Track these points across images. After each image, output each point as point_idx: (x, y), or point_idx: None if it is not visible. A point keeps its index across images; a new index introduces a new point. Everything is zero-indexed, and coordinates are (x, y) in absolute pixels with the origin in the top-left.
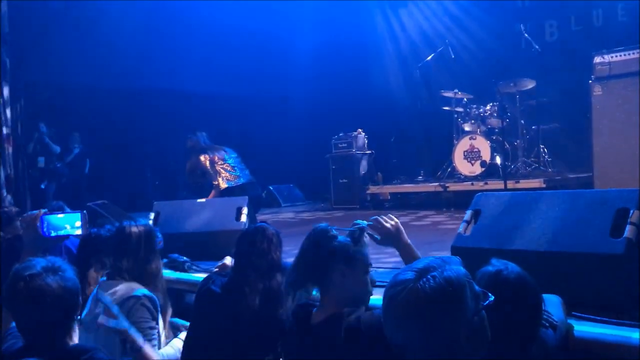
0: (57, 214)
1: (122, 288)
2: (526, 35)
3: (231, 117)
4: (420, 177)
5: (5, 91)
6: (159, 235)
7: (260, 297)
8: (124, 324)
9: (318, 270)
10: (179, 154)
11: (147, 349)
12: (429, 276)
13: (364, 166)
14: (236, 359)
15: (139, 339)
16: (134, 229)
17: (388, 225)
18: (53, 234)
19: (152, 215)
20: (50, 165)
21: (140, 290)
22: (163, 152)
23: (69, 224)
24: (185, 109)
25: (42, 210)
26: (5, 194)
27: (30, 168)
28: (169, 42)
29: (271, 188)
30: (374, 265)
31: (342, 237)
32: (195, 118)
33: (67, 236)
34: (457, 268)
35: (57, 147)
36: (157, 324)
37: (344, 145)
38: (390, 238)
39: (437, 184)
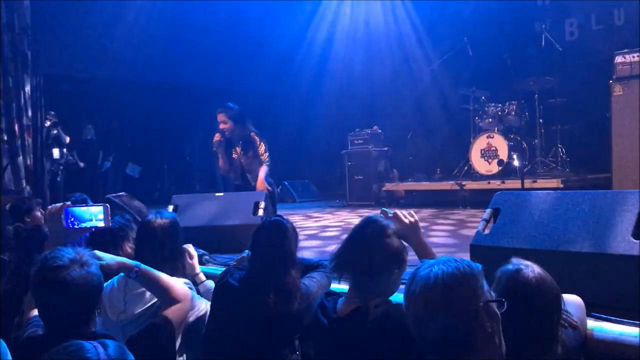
0: (81, 206)
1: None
2: (547, 34)
3: (247, 111)
4: (437, 175)
5: (27, 83)
6: None
7: (276, 291)
8: (112, 258)
9: (370, 265)
10: (196, 148)
11: (143, 266)
12: (452, 260)
13: (380, 163)
14: (254, 351)
15: (131, 262)
16: (160, 221)
17: (407, 220)
18: (76, 226)
19: (170, 208)
20: (62, 155)
21: (182, 280)
22: (180, 145)
23: (92, 216)
24: (201, 102)
25: (67, 203)
26: (24, 184)
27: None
28: (187, 36)
29: (286, 183)
30: None
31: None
32: (211, 112)
33: (90, 228)
34: (474, 262)
35: (65, 137)
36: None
37: (360, 141)
38: (407, 234)
39: (453, 182)
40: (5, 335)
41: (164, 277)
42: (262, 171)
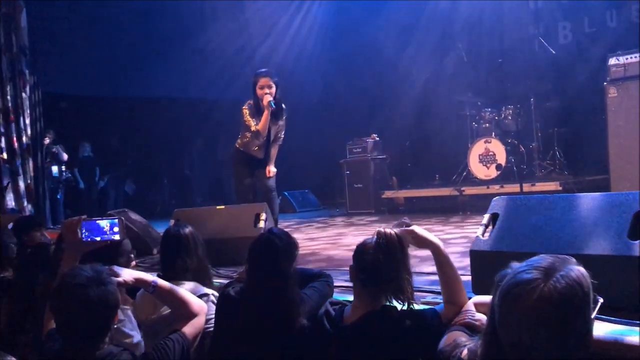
0: (97, 219)
1: (191, 286)
2: (540, 38)
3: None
4: (436, 181)
5: (26, 102)
6: None
7: (273, 303)
8: (129, 274)
9: (383, 273)
10: (195, 161)
11: (160, 281)
12: (558, 276)
13: (378, 171)
14: None
15: (148, 276)
16: (185, 230)
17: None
18: (92, 238)
19: (172, 223)
20: (61, 173)
21: (207, 289)
22: (179, 159)
23: (108, 229)
24: (198, 116)
25: (83, 216)
26: (25, 203)
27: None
28: (183, 52)
29: (286, 194)
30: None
31: None
32: (209, 124)
33: (106, 241)
34: (580, 268)
35: (64, 154)
36: None
37: (358, 150)
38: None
39: (452, 188)
40: (13, 352)
41: (180, 291)
42: (275, 152)
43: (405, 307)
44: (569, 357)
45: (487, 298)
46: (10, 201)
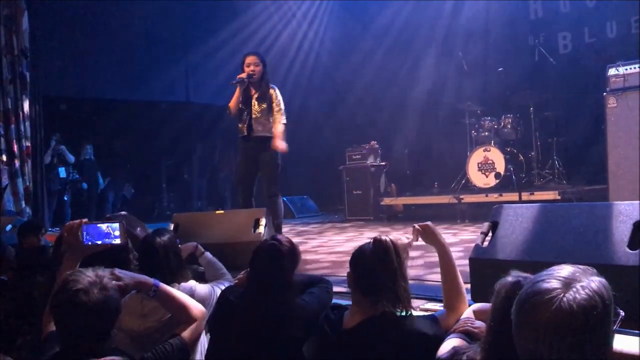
0: (98, 223)
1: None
2: (540, 48)
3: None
4: (435, 189)
5: (26, 104)
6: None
7: (272, 310)
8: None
9: (378, 279)
10: (194, 166)
11: (162, 284)
12: (578, 286)
13: (377, 178)
14: None
15: (150, 279)
16: (160, 239)
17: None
18: (93, 242)
19: (170, 227)
20: (68, 174)
21: (189, 284)
22: (178, 164)
23: (109, 233)
24: (198, 121)
25: (84, 219)
26: (24, 205)
27: (49, 179)
28: (185, 57)
29: (285, 199)
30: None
31: None
32: (208, 129)
33: (107, 245)
34: (602, 279)
35: (71, 156)
36: None
37: (358, 156)
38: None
39: (451, 195)
40: (10, 354)
41: (180, 295)
42: (279, 129)
43: (404, 313)
44: None
45: (486, 306)
46: (8, 203)
